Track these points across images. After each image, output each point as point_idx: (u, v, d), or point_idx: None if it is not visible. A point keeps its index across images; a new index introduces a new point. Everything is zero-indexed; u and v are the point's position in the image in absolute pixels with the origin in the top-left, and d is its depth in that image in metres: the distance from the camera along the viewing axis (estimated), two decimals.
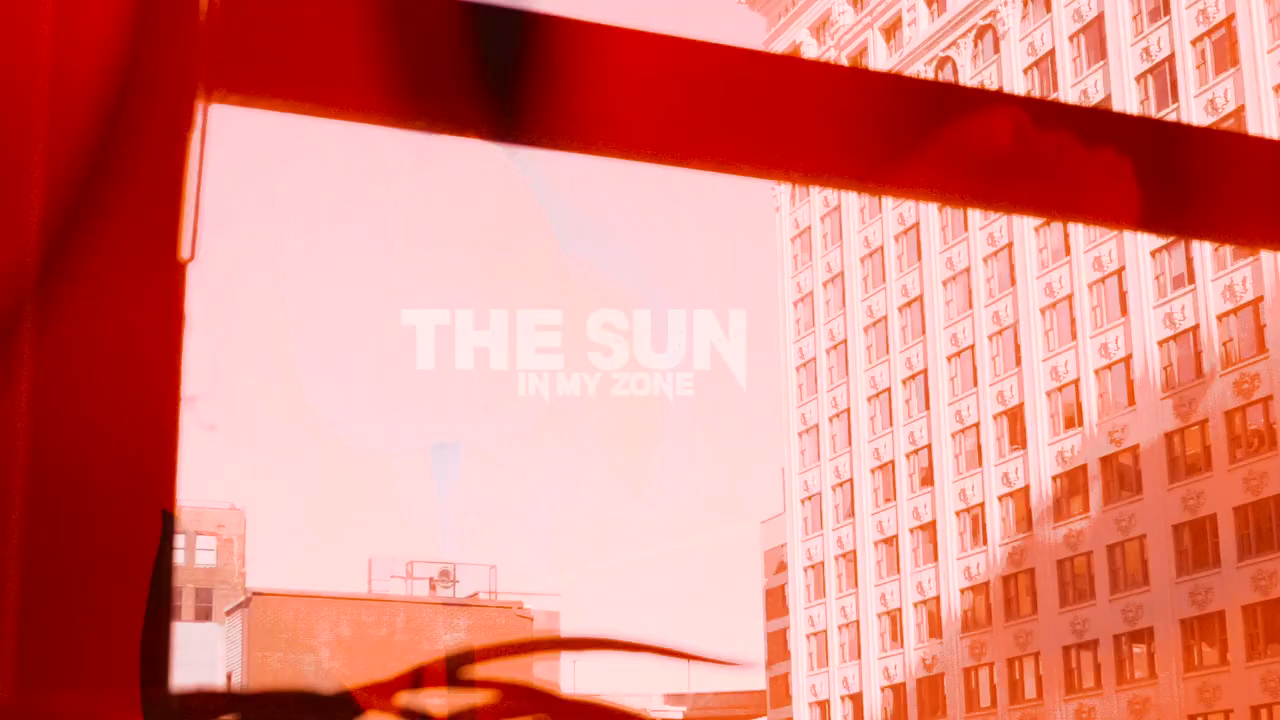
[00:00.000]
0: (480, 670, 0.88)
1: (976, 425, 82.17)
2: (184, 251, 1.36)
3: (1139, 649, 71.30)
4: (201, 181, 1.39)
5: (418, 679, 0.87)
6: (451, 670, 0.87)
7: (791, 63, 1.70)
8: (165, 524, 1.32)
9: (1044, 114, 1.78)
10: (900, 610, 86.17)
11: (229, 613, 61.88)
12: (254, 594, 58.50)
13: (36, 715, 0.87)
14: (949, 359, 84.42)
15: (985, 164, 1.74)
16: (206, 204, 1.40)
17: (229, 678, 59.27)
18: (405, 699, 0.87)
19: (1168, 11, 71.82)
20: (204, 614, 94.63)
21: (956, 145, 1.72)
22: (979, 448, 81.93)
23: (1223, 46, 69.29)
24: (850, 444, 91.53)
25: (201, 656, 61.31)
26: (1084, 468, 74.81)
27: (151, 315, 1.33)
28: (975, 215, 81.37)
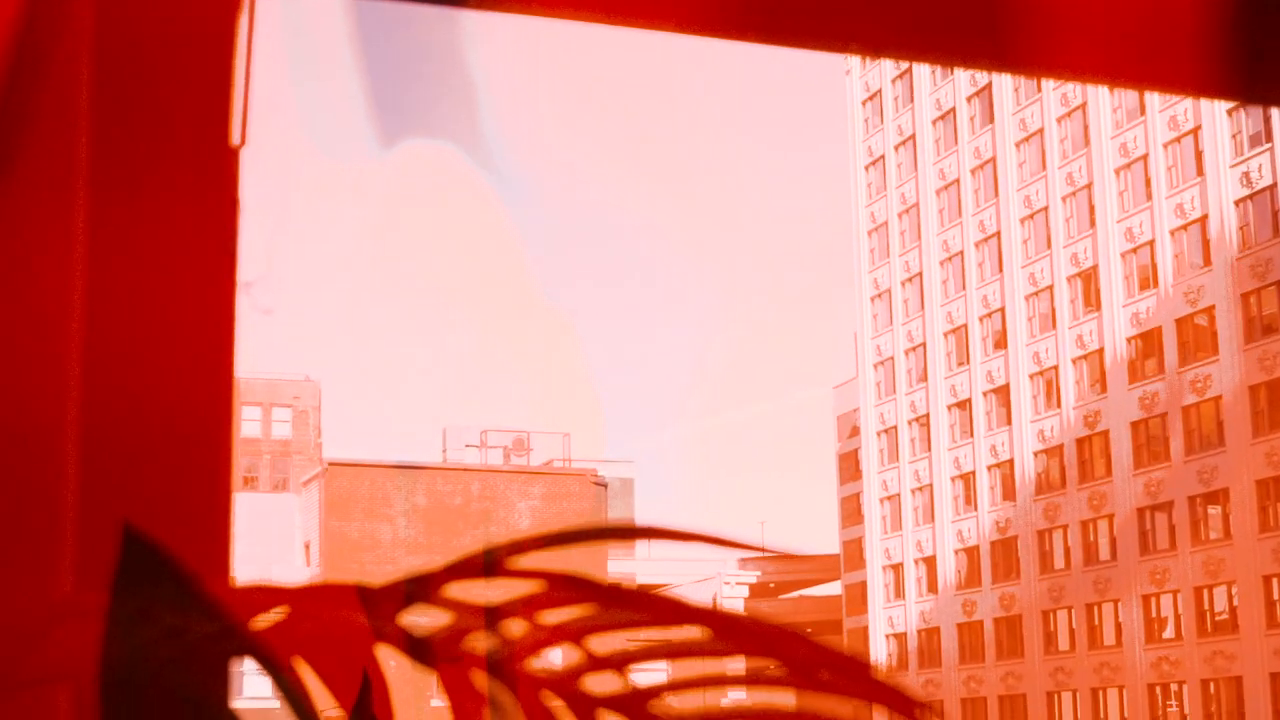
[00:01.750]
0: (528, 560, 0.87)
1: (1050, 288, 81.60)
2: (235, 137, 1.35)
3: (1214, 510, 71.06)
4: (251, 67, 1.38)
5: (464, 570, 0.87)
6: (499, 561, 0.87)
7: None
8: (222, 424, 1.31)
9: None
10: (974, 474, 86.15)
11: (305, 483, 62.51)
12: (330, 464, 59.03)
13: (96, 610, 0.87)
14: (1022, 221, 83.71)
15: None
16: (257, 88, 1.40)
17: (306, 548, 59.98)
18: (453, 590, 0.87)
19: None
20: (280, 484, 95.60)
21: None
22: (1053, 310, 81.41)
23: None
24: (923, 308, 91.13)
25: (278, 526, 62.02)
26: (1159, 330, 74.25)
27: (204, 201, 1.33)
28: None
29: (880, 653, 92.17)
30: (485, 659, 0.86)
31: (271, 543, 61.02)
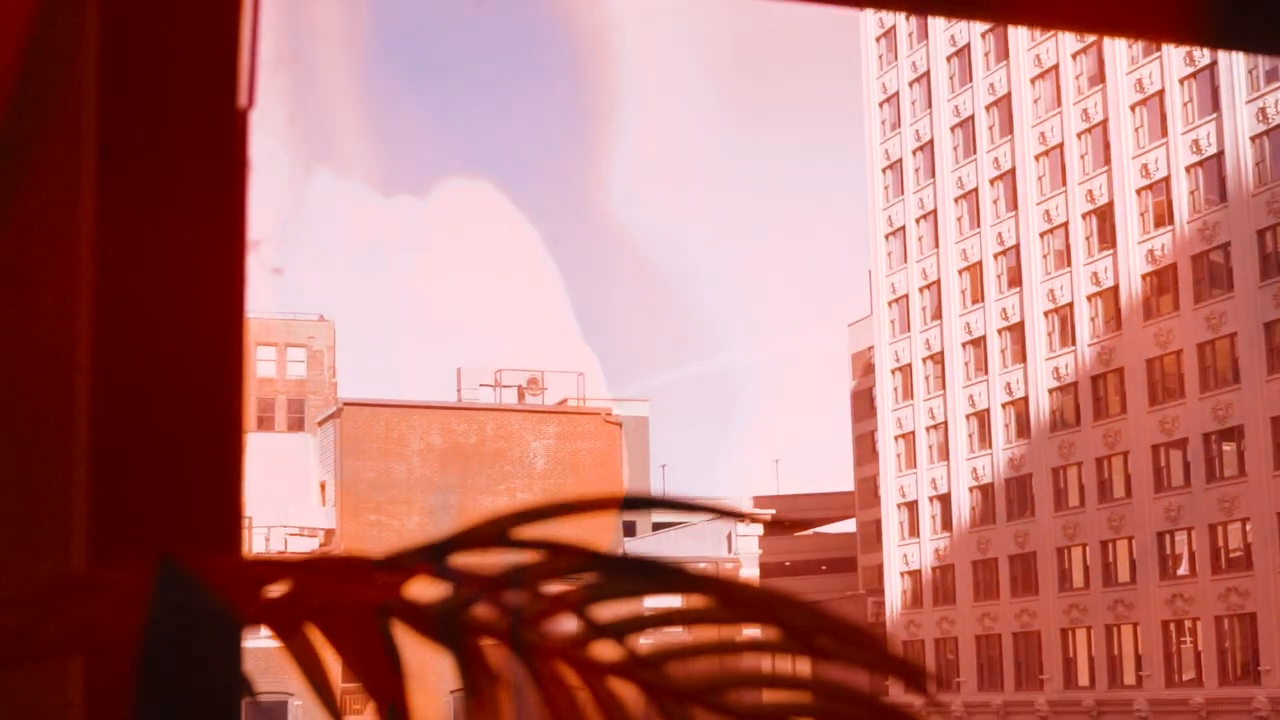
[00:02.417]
0: (531, 530, 0.88)
1: (1065, 225, 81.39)
2: (242, 99, 1.35)
3: (1229, 447, 71.04)
4: (257, 29, 1.37)
5: (469, 540, 0.88)
6: (502, 531, 0.88)
7: None
8: (233, 389, 1.31)
9: None
10: (988, 411, 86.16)
11: (321, 423, 62.67)
12: (345, 404, 59.16)
13: (107, 584, 0.88)
14: (1037, 158, 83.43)
15: None
16: (263, 47, 1.40)
17: (322, 487, 60.18)
18: (457, 560, 0.88)
19: None
20: (296, 424, 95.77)
21: None
22: (1068, 247, 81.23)
23: None
24: (937, 245, 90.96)
25: (294, 466, 62.22)
26: (1174, 266, 74.08)
27: (213, 164, 1.32)
28: None
29: (895, 589, 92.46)
30: (491, 629, 0.87)
31: (288, 482, 61.23)
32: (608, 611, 0.89)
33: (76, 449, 1.24)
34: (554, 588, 0.89)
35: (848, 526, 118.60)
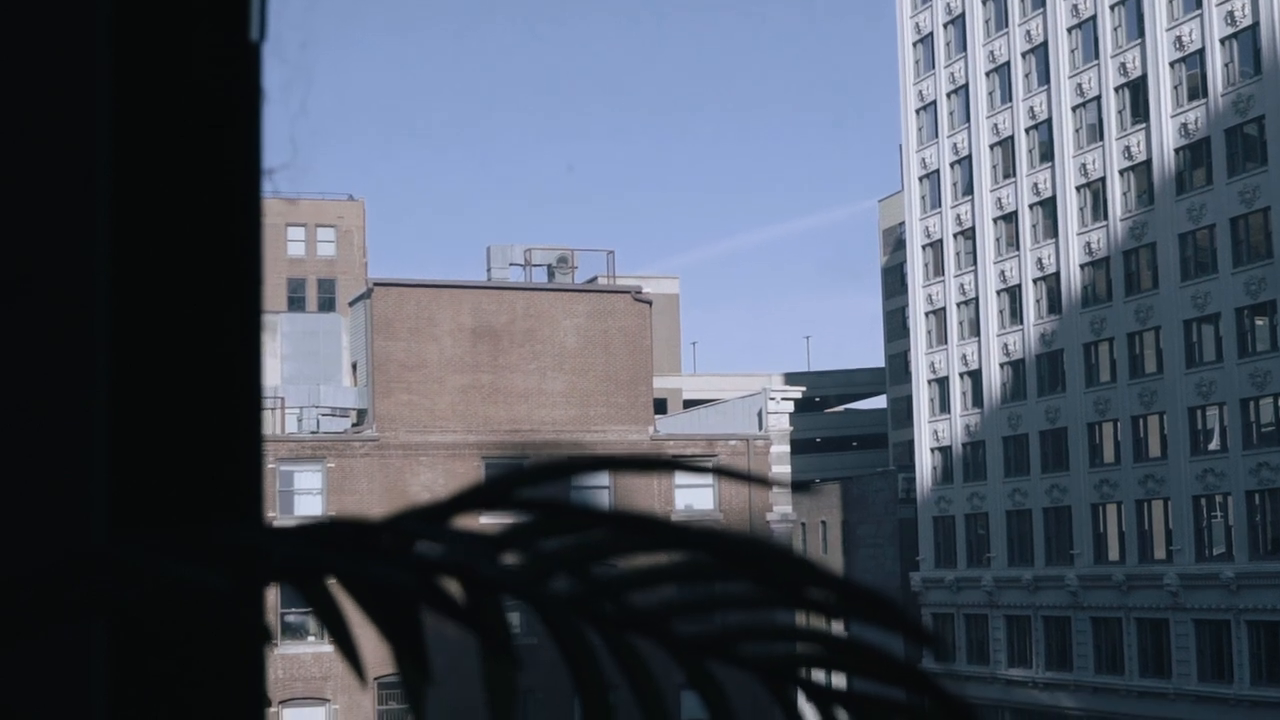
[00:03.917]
0: (533, 491, 0.90)
1: (1098, 98, 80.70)
2: (254, 32, 1.34)
3: (1261, 322, 70.78)
4: None
5: (470, 500, 0.89)
6: (504, 492, 0.89)
7: None
8: (252, 347, 1.29)
9: None
10: (1020, 286, 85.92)
11: (352, 304, 62.76)
12: (375, 284, 59.16)
13: (128, 552, 0.88)
14: (1069, 30, 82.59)
15: None
16: None
17: (354, 368, 60.37)
18: (460, 523, 0.89)
19: None
20: (327, 305, 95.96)
21: None
22: (1100, 121, 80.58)
23: None
24: (968, 119, 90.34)
25: (326, 347, 62.40)
26: (1207, 140, 73.47)
27: (225, 99, 1.31)
28: None
29: (925, 465, 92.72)
30: (505, 585, 0.87)
31: (319, 363, 61.45)
32: (608, 569, 0.90)
33: (97, 421, 1.21)
34: (554, 545, 0.89)
35: (879, 403, 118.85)
